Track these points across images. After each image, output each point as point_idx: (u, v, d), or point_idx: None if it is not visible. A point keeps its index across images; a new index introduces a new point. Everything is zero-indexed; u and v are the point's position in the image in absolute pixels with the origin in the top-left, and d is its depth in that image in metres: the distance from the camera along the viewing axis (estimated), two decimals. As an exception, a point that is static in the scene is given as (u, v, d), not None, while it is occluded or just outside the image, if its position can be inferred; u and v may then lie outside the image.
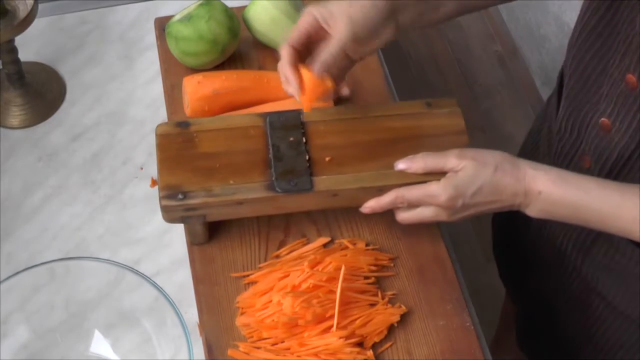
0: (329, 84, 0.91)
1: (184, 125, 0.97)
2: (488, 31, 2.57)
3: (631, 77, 0.83)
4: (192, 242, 1.01)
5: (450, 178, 0.89)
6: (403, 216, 0.94)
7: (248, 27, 1.16)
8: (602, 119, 0.89)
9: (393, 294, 0.98)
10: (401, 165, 0.94)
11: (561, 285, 1.09)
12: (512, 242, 1.24)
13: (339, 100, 1.12)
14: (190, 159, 0.94)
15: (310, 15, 0.89)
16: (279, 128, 0.97)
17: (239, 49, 1.17)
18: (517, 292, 1.32)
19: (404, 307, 0.96)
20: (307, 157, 0.95)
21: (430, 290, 0.99)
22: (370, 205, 0.94)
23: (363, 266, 0.98)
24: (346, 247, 1.00)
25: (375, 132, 0.98)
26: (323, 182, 0.94)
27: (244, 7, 1.17)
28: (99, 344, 0.95)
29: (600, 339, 1.06)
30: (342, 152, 0.96)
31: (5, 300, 0.92)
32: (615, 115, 0.87)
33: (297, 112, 0.99)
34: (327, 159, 0.95)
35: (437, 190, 0.89)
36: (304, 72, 0.90)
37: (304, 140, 0.97)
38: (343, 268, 0.93)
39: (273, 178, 0.94)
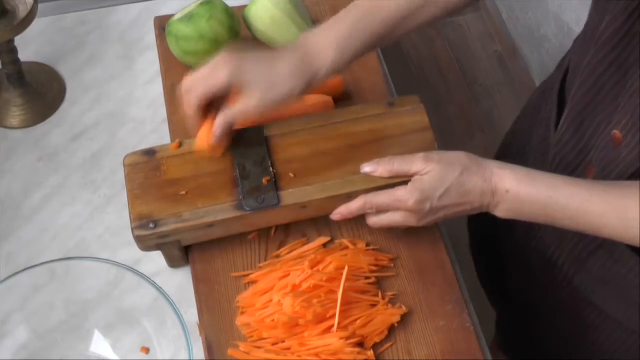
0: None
1: (150, 153, 0.97)
2: (488, 31, 2.57)
3: None
4: (171, 266, 1.01)
5: (417, 182, 0.89)
6: (373, 220, 0.94)
7: (248, 26, 1.16)
8: (615, 130, 0.87)
9: (393, 295, 0.98)
10: (367, 168, 0.94)
11: (549, 293, 1.08)
12: (488, 245, 1.23)
13: (337, 100, 1.12)
14: (158, 186, 0.94)
15: (224, 77, 0.87)
16: (242, 146, 0.97)
17: (239, 48, 1.17)
18: (494, 293, 1.31)
19: (404, 308, 0.96)
20: (272, 172, 0.95)
21: (431, 291, 0.99)
22: (340, 211, 0.94)
23: (364, 266, 0.98)
24: (347, 247, 1.00)
25: (340, 138, 0.98)
26: (290, 195, 0.94)
27: (244, 7, 1.17)
28: (99, 344, 0.95)
29: (592, 346, 1.04)
30: (307, 163, 0.96)
31: (5, 300, 0.92)
32: (628, 129, 0.85)
33: (260, 128, 0.99)
34: (290, 174, 0.95)
35: (405, 195, 0.89)
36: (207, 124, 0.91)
37: (269, 155, 0.96)
38: (346, 268, 0.93)
39: (241, 197, 0.93)
